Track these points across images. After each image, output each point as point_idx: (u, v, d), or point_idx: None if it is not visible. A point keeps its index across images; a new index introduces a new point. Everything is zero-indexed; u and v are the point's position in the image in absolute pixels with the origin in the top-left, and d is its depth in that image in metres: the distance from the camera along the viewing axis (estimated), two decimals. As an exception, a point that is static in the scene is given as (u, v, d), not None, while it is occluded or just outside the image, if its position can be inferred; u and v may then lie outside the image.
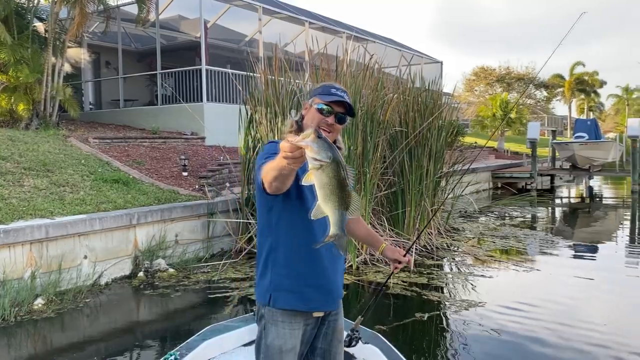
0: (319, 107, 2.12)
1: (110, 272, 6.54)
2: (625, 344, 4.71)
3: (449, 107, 9.47)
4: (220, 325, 3.49)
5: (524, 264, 7.63)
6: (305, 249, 2.04)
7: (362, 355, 3.14)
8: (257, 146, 8.09)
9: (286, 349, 2.07)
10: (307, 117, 2.15)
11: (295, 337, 2.10)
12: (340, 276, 2.22)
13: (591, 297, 6.25)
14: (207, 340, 3.25)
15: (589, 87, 49.09)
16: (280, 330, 2.08)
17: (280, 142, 1.63)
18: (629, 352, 4.50)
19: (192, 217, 7.69)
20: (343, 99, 2.12)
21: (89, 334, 5.12)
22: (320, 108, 2.11)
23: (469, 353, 4.52)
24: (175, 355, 3.00)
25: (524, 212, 13.15)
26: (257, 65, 8.50)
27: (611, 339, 4.82)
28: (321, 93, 2.16)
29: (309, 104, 2.18)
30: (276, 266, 2.10)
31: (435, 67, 22.10)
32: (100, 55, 16.58)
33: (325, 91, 2.15)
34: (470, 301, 5.78)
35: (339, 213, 1.67)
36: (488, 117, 27.03)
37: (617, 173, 18.99)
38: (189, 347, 3.14)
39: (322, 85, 2.21)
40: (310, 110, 2.15)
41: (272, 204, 2.08)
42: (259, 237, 2.20)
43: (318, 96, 2.15)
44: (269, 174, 1.80)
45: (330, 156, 1.58)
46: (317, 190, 1.65)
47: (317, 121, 2.10)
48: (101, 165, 8.70)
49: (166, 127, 12.67)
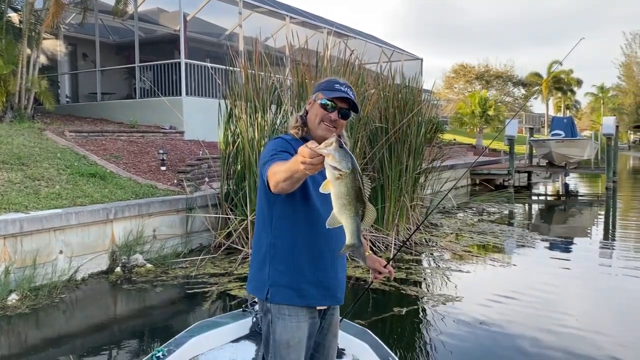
0: (322, 103, 2.11)
1: (87, 267, 6.45)
2: (598, 333, 4.80)
3: (428, 104, 9.53)
4: (208, 322, 3.47)
5: (500, 259, 7.74)
6: (306, 247, 2.05)
7: (352, 350, 3.16)
8: (237, 141, 8.04)
9: (294, 343, 2.06)
10: (311, 112, 2.15)
11: (302, 330, 2.09)
12: (341, 272, 2.20)
13: (566, 292, 6.36)
14: (195, 336, 3.23)
15: (565, 85, 49.89)
16: (287, 324, 2.06)
17: (300, 147, 1.61)
18: (601, 342, 4.59)
19: (171, 212, 7.62)
20: (347, 95, 2.11)
21: (64, 331, 5.05)
22: (324, 104, 2.11)
23: (445, 347, 4.57)
24: (163, 352, 2.98)
25: (501, 208, 13.31)
26: (237, 59, 8.44)
27: (584, 331, 4.91)
28: (325, 88, 2.15)
29: (312, 99, 2.17)
30: (275, 262, 2.08)
31: (415, 63, 22.21)
32: (77, 47, 16.31)
33: (329, 86, 2.15)
34: (447, 296, 5.84)
35: (355, 223, 1.67)
36: (467, 115, 27.27)
37: (592, 170, 19.34)
38: (177, 343, 3.12)
39: (326, 80, 2.20)
40: (314, 106, 2.15)
41: (274, 200, 2.06)
42: (257, 230, 2.18)
43: (322, 91, 2.14)
44: (278, 175, 1.77)
45: (350, 167, 1.57)
46: (333, 199, 1.64)
47: (320, 117, 2.11)
48: (77, 159, 8.57)
49: (144, 121, 12.52)
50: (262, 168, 1.99)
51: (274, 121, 7.95)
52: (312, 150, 1.55)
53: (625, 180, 22.29)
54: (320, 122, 2.11)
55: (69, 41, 15.73)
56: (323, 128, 2.11)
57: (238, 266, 6.91)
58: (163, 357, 2.92)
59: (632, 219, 12.34)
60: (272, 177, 1.83)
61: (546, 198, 17.68)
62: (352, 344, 3.18)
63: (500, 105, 29.47)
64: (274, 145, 2.06)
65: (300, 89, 7.61)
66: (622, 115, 65.47)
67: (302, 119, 2.18)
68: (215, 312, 5.51)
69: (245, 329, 3.35)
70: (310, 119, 2.15)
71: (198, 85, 13.00)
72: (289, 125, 2.23)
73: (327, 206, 2.02)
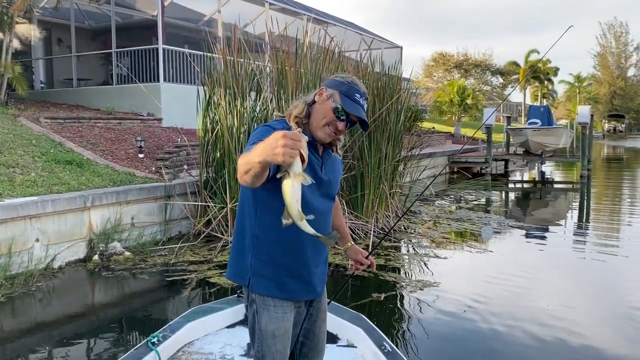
0: (336, 107, 1.99)
1: (64, 255, 6.38)
2: (572, 320, 4.93)
3: (407, 92, 9.57)
4: (203, 307, 3.48)
5: (477, 245, 7.86)
6: (290, 241, 1.99)
7: (346, 335, 3.19)
8: (216, 128, 7.99)
9: (279, 334, 2.04)
10: (320, 108, 2.02)
11: (287, 320, 2.07)
12: (323, 265, 2.19)
13: (541, 277, 6.50)
14: (190, 322, 3.24)
15: (542, 74, 50.45)
16: (272, 314, 2.04)
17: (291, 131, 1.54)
18: (574, 328, 4.71)
19: (149, 199, 7.56)
20: (362, 115, 2.01)
21: (41, 319, 5.00)
22: (338, 110, 1.98)
23: (423, 331, 4.64)
24: (158, 337, 2.97)
25: (478, 195, 13.49)
26: (215, 45, 8.36)
27: (559, 316, 5.04)
28: (344, 93, 2.01)
29: (326, 94, 2.01)
30: (258, 253, 2.04)
31: (395, 51, 22.23)
32: (52, 32, 15.97)
33: (350, 94, 2.01)
34: (425, 281, 5.92)
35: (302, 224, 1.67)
36: (445, 103, 27.46)
37: (567, 158, 19.67)
38: (172, 329, 3.12)
39: (349, 83, 2.03)
40: (325, 103, 2.01)
41: (260, 191, 1.95)
42: (240, 217, 2.10)
43: (340, 94, 2.00)
44: (244, 165, 1.64)
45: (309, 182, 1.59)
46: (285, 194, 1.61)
47: (328, 120, 1.99)
48: (53, 146, 8.43)
49: (121, 108, 12.35)
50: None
51: (254, 108, 7.92)
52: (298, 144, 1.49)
53: (600, 168, 22.73)
54: (326, 125, 2.00)
55: (43, 26, 15.38)
56: (326, 132, 2.01)
57: (218, 254, 6.90)
58: (158, 343, 2.92)
59: (605, 205, 12.61)
60: (239, 167, 1.67)
61: (523, 186, 17.95)
62: (346, 329, 3.21)
63: (479, 94, 29.70)
64: (259, 134, 1.89)
65: (280, 76, 7.58)
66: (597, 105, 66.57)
67: (308, 108, 2.03)
68: (195, 299, 5.52)
69: (240, 314, 3.37)
70: (315, 114, 2.02)
71: (176, 71, 12.85)
72: (289, 110, 2.06)
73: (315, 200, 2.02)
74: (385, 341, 2.97)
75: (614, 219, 10.58)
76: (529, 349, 4.32)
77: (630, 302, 5.51)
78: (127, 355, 2.82)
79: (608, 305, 5.50)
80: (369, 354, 2.95)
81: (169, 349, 2.98)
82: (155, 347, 2.87)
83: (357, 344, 3.12)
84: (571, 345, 4.36)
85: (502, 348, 4.36)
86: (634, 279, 6.45)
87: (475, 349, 4.35)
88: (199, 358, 3.01)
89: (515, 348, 4.35)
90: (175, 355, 3.02)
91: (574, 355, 4.18)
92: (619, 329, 4.86)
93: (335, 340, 3.17)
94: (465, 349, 4.37)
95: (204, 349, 3.12)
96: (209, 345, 3.16)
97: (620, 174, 20.83)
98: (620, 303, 5.54)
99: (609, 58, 77.17)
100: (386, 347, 2.89)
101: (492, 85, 47.58)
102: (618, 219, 10.68)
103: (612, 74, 76.43)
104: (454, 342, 4.51)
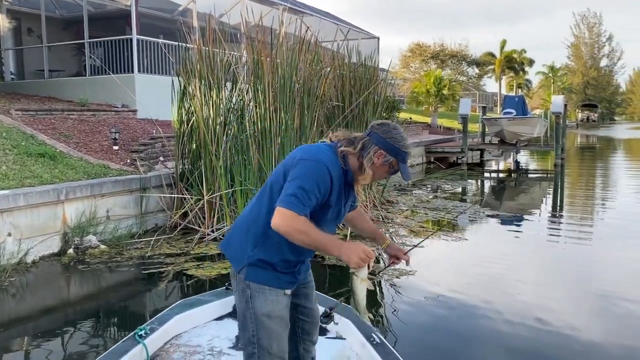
0: (392, 170, 2.23)
1: (38, 249, 6.28)
2: (547, 304, 5.04)
3: (384, 82, 9.60)
4: (191, 299, 3.46)
5: (453, 234, 7.95)
6: (295, 245, 2.08)
7: (335, 327, 3.21)
8: (192, 119, 7.92)
9: (274, 315, 2.14)
10: (375, 168, 2.17)
11: (281, 304, 2.18)
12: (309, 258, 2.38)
13: (515, 264, 6.61)
14: (178, 314, 3.23)
15: (518, 65, 51.04)
16: (268, 297, 2.14)
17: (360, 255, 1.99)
18: (550, 312, 4.82)
19: (124, 192, 7.47)
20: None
21: (15, 314, 4.93)
22: (393, 171, 2.23)
23: (399, 318, 4.70)
24: (146, 330, 2.96)
25: (454, 185, 13.63)
26: (190, 36, 8.26)
27: (535, 301, 5.14)
28: (403, 161, 2.21)
29: (384, 160, 2.16)
30: (264, 245, 2.14)
31: (372, 42, 22.22)
32: (22, 22, 15.58)
33: (403, 159, 2.21)
34: (401, 270, 5.98)
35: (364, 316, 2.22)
36: (422, 94, 27.61)
37: (542, 147, 19.98)
38: (159, 322, 3.11)
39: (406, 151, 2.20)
40: (382, 167, 2.18)
41: None
42: (258, 202, 2.19)
43: (400, 164, 2.20)
44: (301, 238, 1.99)
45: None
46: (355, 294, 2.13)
47: (378, 179, 2.32)
48: (25, 138, 8.26)
49: (95, 99, 12.14)
50: (290, 187, 2.00)
51: (230, 99, 7.86)
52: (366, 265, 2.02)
53: (573, 156, 23.15)
54: (369, 176, 2.17)
55: (12, 15, 15.01)
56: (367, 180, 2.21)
57: (195, 246, 6.86)
58: (145, 335, 2.90)
59: (579, 193, 12.86)
60: (291, 227, 1.98)
61: (498, 175, 18.20)
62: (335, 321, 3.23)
63: (455, 84, 29.92)
64: (316, 177, 2.03)
65: (256, 66, 7.53)
66: (571, 94, 67.65)
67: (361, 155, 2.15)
68: (172, 292, 5.49)
69: (229, 307, 3.36)
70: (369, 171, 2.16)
71: (151, 62, 12.67)
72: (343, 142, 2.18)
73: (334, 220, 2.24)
74: (375, 333, 3.00)
75: (587, 206, 10.80)
76: (505, 334, 4.41)
77: (603, 285, 5.66)
78: (114, 348, 2.80)
79: (582, 289, 5.64)
80: (358, 346, 2.98)
81: (156, 341, 2.97)
82: (142, 340, 2.85)
83: (345, 335, 3.14)
84: (546, 329, 4.46)
85: (479, 334, 4.43)
86: (606, 263, 6.61)
87: (452, 337, 4.41)
88: (187, 351, 3.00)
89: (492, 334, 4.43)
90: (162, 347, 3.01)
91: (550, 339, 4.27)
92: (593, 312, 4.98)
93: (325, 333, 3.18)
94: (443, 336, 4.43)
95: (192, 341, 3.11)
96: (197, 337, 3.15)
97: (593, 162, 21.25)
98: (593, 286, 5.68)
99: (582, 48, 78.43)
100: (375, 339, 2.92)
101: (468, 75, 47.97)
102: (591, 206, 10.90)
103: (585, 64, 77.72)
104: (432, 330, 4.57)
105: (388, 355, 2.76)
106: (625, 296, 5.28)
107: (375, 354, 2.79)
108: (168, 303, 5.27)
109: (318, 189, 2.02)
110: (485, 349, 4.22)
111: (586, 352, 4.12)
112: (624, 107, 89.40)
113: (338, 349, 3.06)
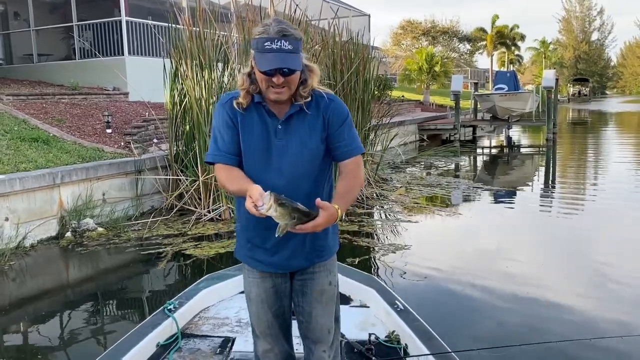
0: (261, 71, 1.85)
1: (35, 233, 6.32)
2: (541, 275, 5.15)
3: (376, 60, 9.59)
4: (218, 274, 3.59)
5: (447, 209, 8.05)
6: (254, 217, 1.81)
7: (359, 296, 3.30)
8: (184, 101, 7.91)
9: (252, 297, 2.12)
10: (256, 73, 1.89)
11: (258, 286, 2.09)
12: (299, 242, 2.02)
13: (508, 238, 6.73)
14: (205, 288, 3.34)
15: (509, 40, 50.85)
16: (247, 278, 2.14)
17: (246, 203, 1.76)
18: (544, 283, 4.93)
19: (119, 175, 7.49)
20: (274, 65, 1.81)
21: (15, 297, 4.98)
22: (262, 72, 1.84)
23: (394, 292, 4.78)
24: (174, 304, 3.06)
25: (448, 162, 13.71)
26: (180, 16, 8.21)
27: (526, 274, 5.25)
28: (257, 49, 1.85)
29: (251, 58, 1.90)
30: (238, 219, 2.14)
31: (363, 19, 22.08)
32: (7, 6, 15.36)
33: (260, 48, 1.82)
34: (397, 245, 6.07)
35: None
36: (414, 71, 27.52)
37: (533, 123, 20.05)
38: (187, 296, 3.22)
39: (258, 37, 1.84)
40: (255, 68, 1.88)
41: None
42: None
43: (255, 54, 1.86)
44: (227, 186, 1.96)
45: (287, 224, 1.74)
46: None
47: (265, 82, 1.86)
48: (17, 123, 8.24)
49: (86, 83, 12.06)
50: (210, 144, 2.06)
51: (222, 79, 7.85)
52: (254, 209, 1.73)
53: (565, 131, 23.27)
54: (268, 87, 1.88)
55: (-2, -1, 14.79)
56: (272, 93, 1.89)
57: (192, 227, 6.92)
58: (174, 309, 3.01)
59: (570, 167, 12.98)
60: (219, 179, 2.00)
61: (490, 151, 18.29)
62: (358, 290, 3.31)
63: (447, 61, 29.83)
64: (215, 121, 2.04)
65: (247, 45, 7.50)
66: (562, 69, 67.54)
67: (250, 77, 1.94)
68: (171, 271, 5.56)
69: None
70: (257, 81, 1.91)
71: (141, 44, 12.57)
72: (237, 85, 2.00)
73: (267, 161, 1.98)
74: (398, 300, 3.07)
75: (578, 180, 10.92)
76: (499, 307, 4.51)
77: (596, 256, 5.78)
78: (145, 322, 2.91)
79: (574, 261, 5.75)
80: (382, 313, 3.06)
81: (185, 315, 3.08)
82: (172, 314, 2.95)
83: (369, 304, 3.22)
84: (541, 300, 4.56)
85: (474, 305, 4.53)
86: (597, 234, 6.74)
87: (447, 311, 4.51)
88: (215, 323, 3.09)
89: (486, 306, 4.52)
90: (192, 320, 3.11)
91: (545, 311, 4.37)
92: (584, 282, 5.10)
93: (349, 302, 3.29)
94: (438, 310, 4.52)
95: (220, 314, 3.21)
96: (224, 310, 3.25)
97: (584, 136, 21.37)
98: (585, 257, 5.80)
99: (573, 22, 78.12)
100: (398, 305, 3.00)
101: (460, 52, 47.83)
102: (582, 179, 11.03)
103: (576, 38, 77.48)
104: (428, 304, 4.66)
105: (412, 322, 2.82)
106: (616, 266, 5.40)
107: (400, 320, 2.86)
108: (168, 282, 5.38)
109: (218, 129, 2.01)
110: (477, 319, 4.32)
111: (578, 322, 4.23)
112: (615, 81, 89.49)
113: (363, 316, 3.13)
